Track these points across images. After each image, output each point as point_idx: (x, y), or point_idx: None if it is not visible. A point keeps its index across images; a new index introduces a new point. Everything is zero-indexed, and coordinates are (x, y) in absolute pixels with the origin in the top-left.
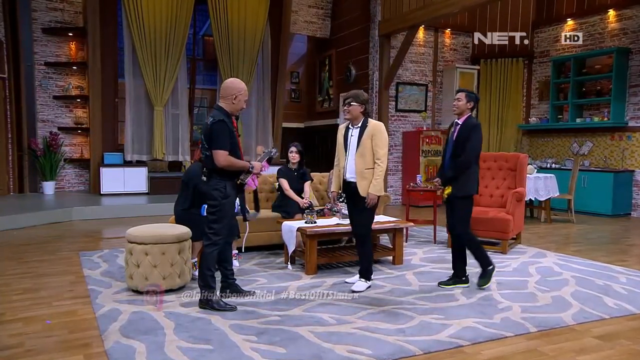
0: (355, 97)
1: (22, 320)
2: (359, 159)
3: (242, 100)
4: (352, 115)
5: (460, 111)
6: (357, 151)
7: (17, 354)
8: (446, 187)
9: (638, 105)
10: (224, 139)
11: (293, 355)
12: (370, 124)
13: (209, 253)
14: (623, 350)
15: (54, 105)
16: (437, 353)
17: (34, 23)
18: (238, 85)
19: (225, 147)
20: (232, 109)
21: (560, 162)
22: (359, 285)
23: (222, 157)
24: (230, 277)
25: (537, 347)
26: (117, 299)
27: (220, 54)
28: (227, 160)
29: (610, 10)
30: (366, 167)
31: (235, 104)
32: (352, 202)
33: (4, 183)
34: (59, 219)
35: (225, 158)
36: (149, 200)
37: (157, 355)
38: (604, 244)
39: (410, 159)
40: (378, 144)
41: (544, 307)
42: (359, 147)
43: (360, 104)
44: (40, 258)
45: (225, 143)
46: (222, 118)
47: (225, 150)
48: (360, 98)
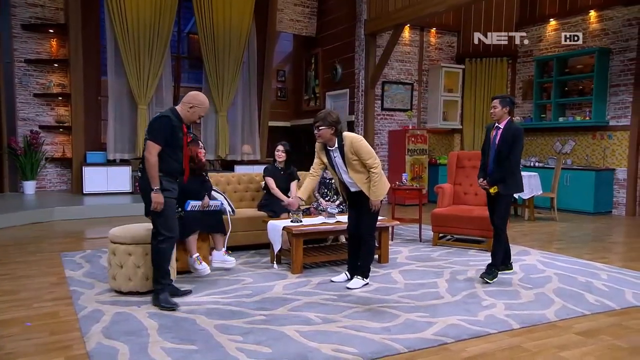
0: (323, 120)
1: (1, 322)
2: (355, 175)
3: (197, 114)
4: (324, 138)
5: (498, 117)
6: (349, 170)
7: None
8: (492, 187)
9: (618, 105)
10: (160, 133)
11: (279, 354)
12: (346, 143)
13: (161, 249)
14: (604, 345)
15: (35, 103)
16: (422, 351)
17: (13, 19)
18: (200, 98)
19: (159, 141)
20: (185, 116)
21: (543, 160)
22: (356, 283)
23: (152, 149)
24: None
25: (521, 343)
26: (99, 300)
27: (205, 51)
28: (153, 159)
29: (592, 11)
30: (364, 177)
31: (189, 113)
32: (359, 205)
33: None
34: (40, 219)
35: (153, 155)
36: (132, 200)
37: (140, 356)
38: (586, 242)
39: (395, 158)
40: (363, 157)
41: (527, 304)
42: (348, 166)
43: (329, 127)
44: (20, 259)
45: (160, 138)
46: (168, 115)
47: (157, 145)
48: (328, 120)
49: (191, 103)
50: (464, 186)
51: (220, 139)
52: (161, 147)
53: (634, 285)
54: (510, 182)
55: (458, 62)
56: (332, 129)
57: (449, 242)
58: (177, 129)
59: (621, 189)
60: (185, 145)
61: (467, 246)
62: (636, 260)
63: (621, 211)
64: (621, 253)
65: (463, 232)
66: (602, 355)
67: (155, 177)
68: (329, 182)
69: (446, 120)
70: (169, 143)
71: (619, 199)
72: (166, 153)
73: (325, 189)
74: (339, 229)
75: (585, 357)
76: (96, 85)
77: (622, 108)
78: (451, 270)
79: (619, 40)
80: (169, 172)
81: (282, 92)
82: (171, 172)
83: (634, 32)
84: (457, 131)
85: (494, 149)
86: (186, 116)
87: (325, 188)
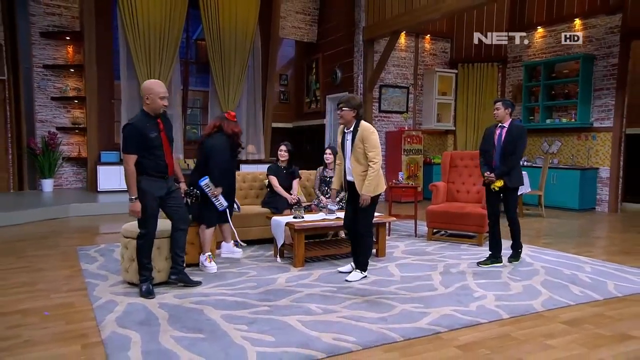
0: (347, 102)
1: (21, 312)
2: (355, 163)
3: (156, 100)
4: (345, 119)
5: (501, 118)
6: (352, 155)
7: (16, 345)
8: (497, 181)
9: (602, 108)
10: (130, 143)
11: (282, 343)
12: (361, 128)
13: (138, 244)
14: (587, 334)
15: (52, 106)
16: (417, 339)
17: (32, 27)
18: (149, 85)
19: (131, 151)
20: (150, 109)
21: (531, 160)
22: (354, 276)
23: (128, 160)
24: (180, 265)
25: (509, 332)
26: (113, 292)
27: (212, 57)
28: (129, 170)
29: (577, 20)
30: (362, 169)
31: (150, 105)
32: (354, 200)
33: (3, 181)
34: (57, 215)
35: (130, 165)
36: None
37: (152, 344)
38: (571, 237)
39: (392, 158)
40: (367, 147)
41: (516, 295)
42: (353, 151)
43: (351, 109)
44: (39, 253)
45: (132, 148)
46: (131, 122)
47: (131, 155)
48: (352, 103)
49: (145, 95)
50: (456, 184)
51: None
52: (137, 155)
53: (616, 277)
54: (514, 175)
55: (451, 67)
56: (353, 111)
57: (443, 237)
58: (146, 129)
59: (604, 187)
60: (165, 140)
61: (459, 241)
62: (618, 253)
63: (604, 208)
64: (604, 247)
65: (456, 227)
66: (586, 342)
67: (131, 186)
68: (329, 180)
69: (440, 122)
70: (142, 147)
71: (602, 197)
72: (145, 156)
73: (326, 187)
74: (338, 225)
75: (570, 345)
76: (109, 89)
77: (605, 111)
78: (445, 264)
79: (602, 47)
80: (155, 171)
81: (285, 95)
82: (157, 170)
83: (615, 39)
84: (450, 132)
85: (499, 146)
86: (151, 109)
87: (325, 186)
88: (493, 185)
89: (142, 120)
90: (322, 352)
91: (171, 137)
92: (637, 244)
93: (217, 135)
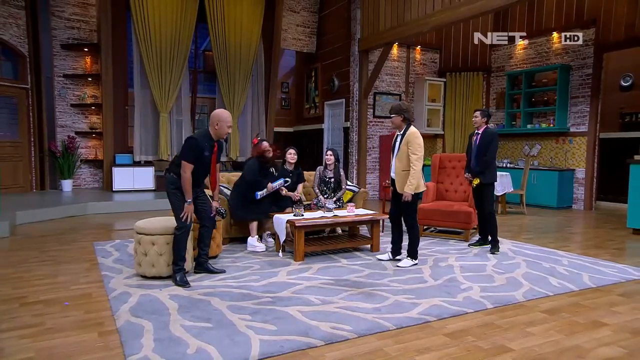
0: (394, 109)
1: (43, 302)
2: (398, 162)
3: (224, 127)
4: (394, 124)
5: (478, 125)
6: (397, 155)
7: (40, 332)
8: (474, 179)
9: (577, 114)
10: (189, 153)
11: (283, 331)
12: (408, 132)
13: (176, 236)
14: (564, 322)
15: (71, 112)
16: (408, 328)
17: (53, 40)
18: (219, 115)
19: (190, 159)
20: (215, 134)
21: (514, 162)
22: (406, 262)
23: (186, 168)
24: (203, 257)
25: (493, 321)
26: (127, 284)
27: (218, 66)
28: (186, 176)
29: (554, 33)
30: (403, 168)
31: (216, 130)
32: (396, 196)
33: (27, 181)
34: (75, 213)
35: (187, 172)
36: (155, 196)
37: (163, 332)
38: (550, 232)
39: (385, 159)
40: (411, 149)
41: (500, 287)
42: (398, 151)
43: (397, 114)
44: (59, 247)
45: (190, 157)
46: (195, 137)
47: (189, 163)
48: (397, 109)
49: (214, 121)
50: (445, 184)
51: (232, 142)
52: (193, 165)
53: (590, 270)
54: (487, 173)
55: (440, 75)
56: (400, 116)
57: (432, 233)
58: (204, 148)
59: (580, 187)
60: (213, 162)
61: (447, 237)
62: (592, 248)
63: (580, 206)
64: (580, 242)
65: (444, 224)
66: (563, 330)
67: (188, 191)
68: (328, 181)
69: (430, 127)
70: (196, 161)
71: (578, 195)
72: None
73: (325, 187)
74: (336, 222)
75: (549, 332)
76: (124, 96)
77: (581, 117)
78: (434, 258)
79: (578, 58)
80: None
81: (286, 101)
82: (194, 180)
83: (589, 51)
84: (439, 136)
85: (475, 149)
86: (215, 133)
87: (324, 186)
88: (472, 183)
89: (204, 138)
90: (321, 340)
91: (219, 159)
92: (609, 239)
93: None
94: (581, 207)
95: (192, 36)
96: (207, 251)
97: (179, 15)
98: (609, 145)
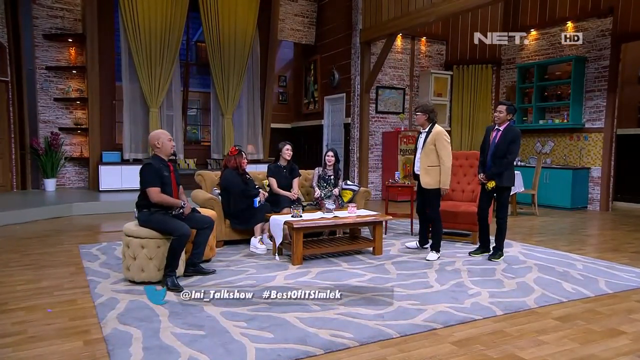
0: (419, 108)
1: (25, 309)
2: (424, 158)
3: (166, 142)
4: (419, 122)
5: (501, 120)
6: (423, 151)
7: (20, 341)
8: (489, 181)
9: (593, 109)
10: (151, 178)
11: (280, 339)
12: (434, 131)
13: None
14: (579, 330)
15: (55, 107)
16: (413, 335)
17: (35, 29)
18: (155, 134)
19: (155, 184)
20: (162, 153)
21: (525, 160)
22: (432, 256)
23: (153, 193)
24: (196, 257)
25: (503, 328)
26: (115, 289)
27: (212, 58)
28: (158, 198)
29: (569, 23)
30: (429, 164)
31: (161, 148)
32: (421, 191)
33: (7, 180)
34: (60, 214)
35: (157, 195)
36: None
37: (152, 340)
38: (563, 235)
39: (389, 157)
40: (440, 147)
41: (510, 292)
42: (424, 148)
43: (422, 113)
44: (42, 251)
45: (154, 181)
46: (150, 162)
47: (155, 187)
48: (423, 108)
49: (154, 142)
50: (451, 184)
51: (227, 139)
52: (159, 187)
53: (606, 274)
54: (506, 176)
55: (446, 68)
56: (425, 115)
57: None
58: (161, 169)
59: (596, 186)
60: (173, 180)
61: (454, 239)
62: (609, 251)
63: (595, 206)
64: (595, 245)
65: (451, 226)
66: (577, 338)
67: (174, 202)
68: (328, 178)
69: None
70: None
71: (593, 196)
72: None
73: (325, 184)
74: (337, 224)
75: (562, 340)
76: (111, 90)
77: (597, 112)
78: (440, 262)
79: (594, 50)
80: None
81: (284, 96)
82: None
83: (606, 42)
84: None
85: (492, 147)
86: (162, 152)
87: (324, 182)
88: (486, 185)
89: (157, 161)
90: (320, 348)
91: (179, 182)
92: (627, 242)
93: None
94: (597, 207)
95: (184, 26)
96: (201, 251)
97: (169, 4)
98: (626, 142)
